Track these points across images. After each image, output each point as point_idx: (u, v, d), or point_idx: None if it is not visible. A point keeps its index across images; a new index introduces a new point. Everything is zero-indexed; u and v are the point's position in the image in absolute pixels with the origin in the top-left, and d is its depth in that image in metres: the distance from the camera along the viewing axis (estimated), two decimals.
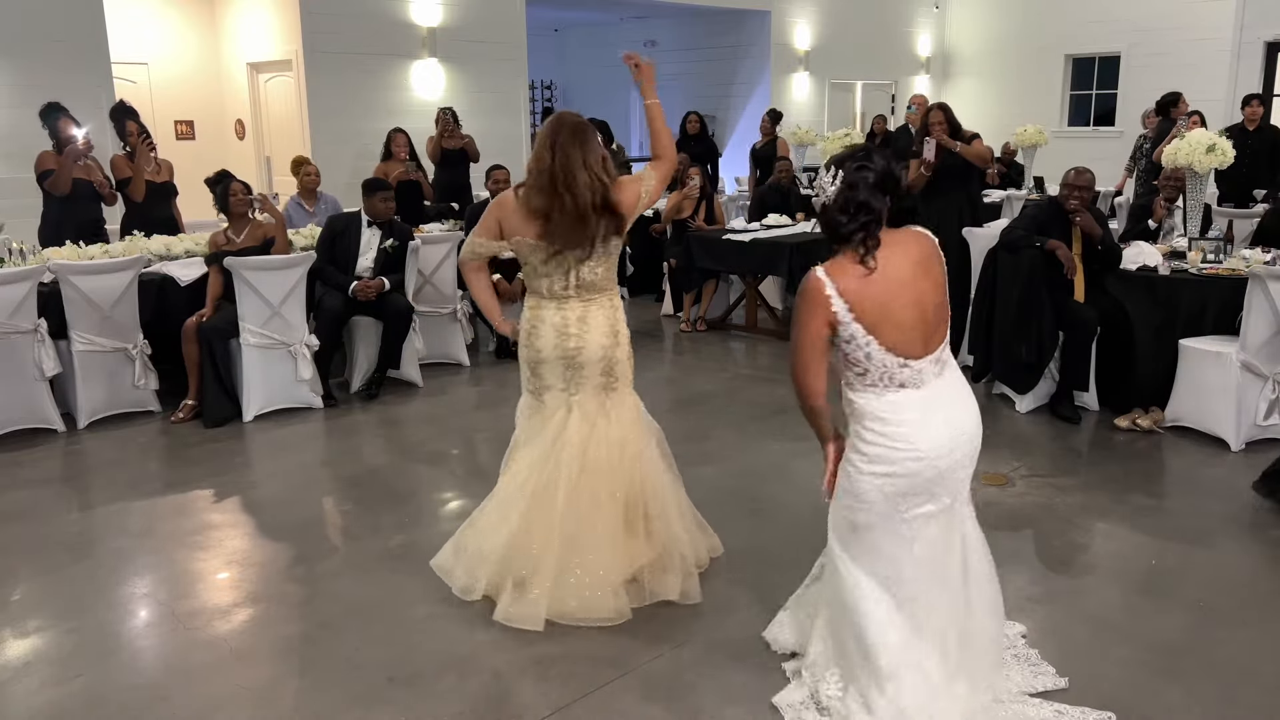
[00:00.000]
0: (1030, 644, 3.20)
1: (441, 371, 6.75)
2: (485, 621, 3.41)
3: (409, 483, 4.82)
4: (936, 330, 2.66)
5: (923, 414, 2.63)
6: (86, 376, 5.52)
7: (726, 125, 13.93)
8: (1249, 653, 3.21)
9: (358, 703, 2.98)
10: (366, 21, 9.81)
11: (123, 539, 4.18)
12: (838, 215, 2.60)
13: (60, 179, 6.33)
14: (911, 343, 2.61)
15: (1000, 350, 5.75)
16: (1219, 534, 4.17)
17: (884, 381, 2.63)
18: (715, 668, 3.13)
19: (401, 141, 8.14)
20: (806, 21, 13.88)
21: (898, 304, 2.59)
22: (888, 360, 2.60)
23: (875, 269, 2.58)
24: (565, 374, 3.48)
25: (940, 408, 2.66)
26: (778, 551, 3.92)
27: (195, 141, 10.70)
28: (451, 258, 6.72)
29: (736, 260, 7.77)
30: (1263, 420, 5.03)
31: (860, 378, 2.65)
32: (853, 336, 2.59)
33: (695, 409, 5.96)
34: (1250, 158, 8.13)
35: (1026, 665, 3.06)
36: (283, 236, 5.93)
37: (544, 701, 2.97)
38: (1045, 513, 4.34)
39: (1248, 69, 12.78)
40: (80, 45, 8.24)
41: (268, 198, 6.13)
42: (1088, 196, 5.51)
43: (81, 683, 3.10)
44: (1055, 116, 14.52)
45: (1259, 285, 4.89)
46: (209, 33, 10.74)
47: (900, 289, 2.60)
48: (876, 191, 2.59)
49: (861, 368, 2.63)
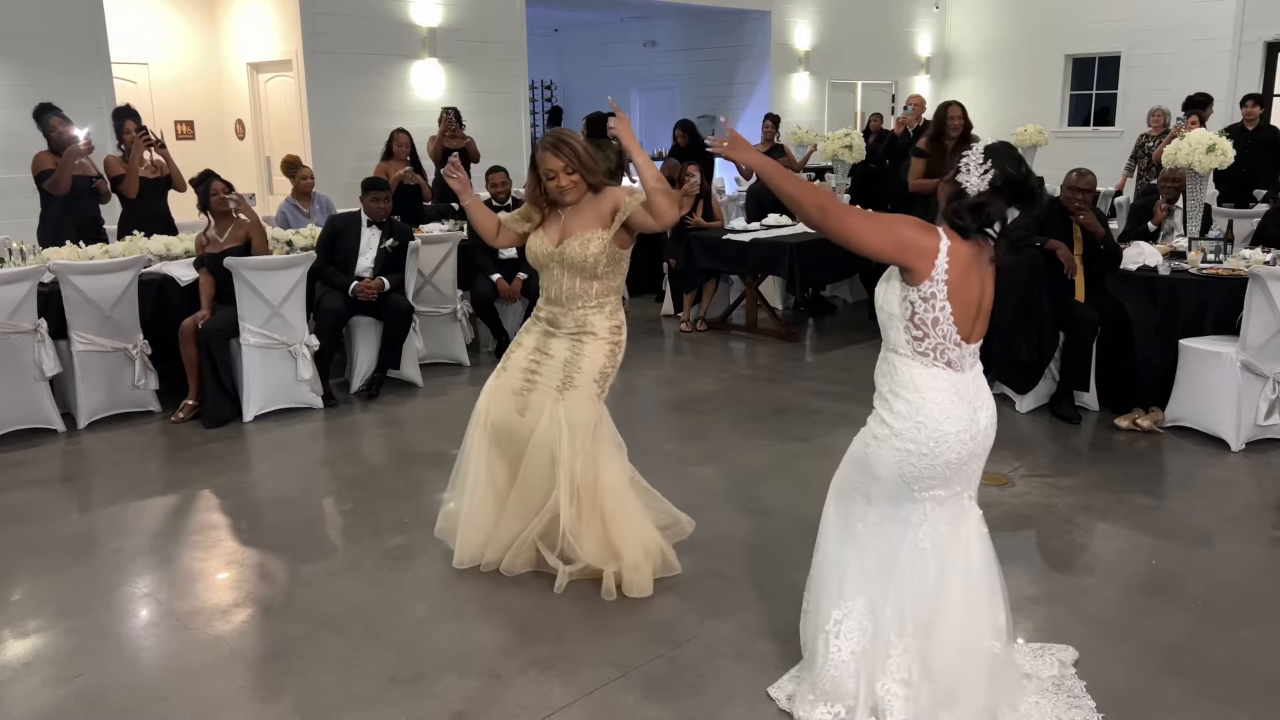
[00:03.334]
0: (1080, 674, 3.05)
1: (441, 371, 6.75)
2: (485, 621, 3.41)
3: (409, 483, 4.82)
4: (984, 323, 2.71)
5: (954, 397, 2.65)
6: (86, 376, 5.52)
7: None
8: (1249, 653, 3.21)
9: (358, 703, 2.98)
10: (366, 21, 9.81)
11: (123, 539, 4.18)
12: (969, 212, 2.61)
13: (60, 179, 6.33)
14: (968, 326, 2.66)
15: (1000, 350, 5.75)
16: (1219, 534, 4.17)
17: (935, 353, 2.64)
18: (715, 668, 3.13)
19: (403, 141, 8.15)
20: (806, 21, 13.88)
21: (972, 286, 2.64)
22: (949, 332, 2.63)
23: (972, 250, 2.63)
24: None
25: (970, 397, 2.68)
26: (777, 551, 3.92)
27: (195, 141, 10.70)
28: (452, 258, 6.72)
29: (736, 260, 7.77)
30: (1263, 420, 5.03)
31: (917, 342, 2.65)
32: (934, 295, 2.60)
33: (695, 409, 5.96)
34: (1250, 158, 8.12)
35: (1066, 695, 2.92)
36: (259, 238, 5.82)
37: (544, 702, 2.97)
38: (1045, 513, 4.34)
39: (1248, 69, 12.78)
40: (80, 45, 8.24)
41: (244, 199, 6.08)
42: (1089, 198, 5.51)
43: (81, 683, 3.10)
44: (1055, 116, 14.52)
45: (1259, 285, 4.89)
46: (209, 33, 10.75)
47: (977, 275, 2.66)
48: (1010, 203, 2.64)
49: (923, 332, 2.64)
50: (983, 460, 2.76)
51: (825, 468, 3.25)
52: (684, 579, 3.71)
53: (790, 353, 7.32)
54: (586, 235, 3.49)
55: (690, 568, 3.78)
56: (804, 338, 7.85)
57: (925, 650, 2.72)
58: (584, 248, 3.47)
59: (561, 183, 3.47)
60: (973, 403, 2.68)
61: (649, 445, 4.96)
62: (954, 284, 2.60)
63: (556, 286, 3.58)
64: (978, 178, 2.59)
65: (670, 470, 4.76)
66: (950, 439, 2.63)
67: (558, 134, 3.55)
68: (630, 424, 3.86)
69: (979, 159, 2.61)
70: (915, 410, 2.64)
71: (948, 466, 2.66)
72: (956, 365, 2.65)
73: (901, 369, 2.68)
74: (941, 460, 2.64)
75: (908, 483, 2.68)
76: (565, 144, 3.48)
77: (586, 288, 3.54)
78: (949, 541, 2.73)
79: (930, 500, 2.70)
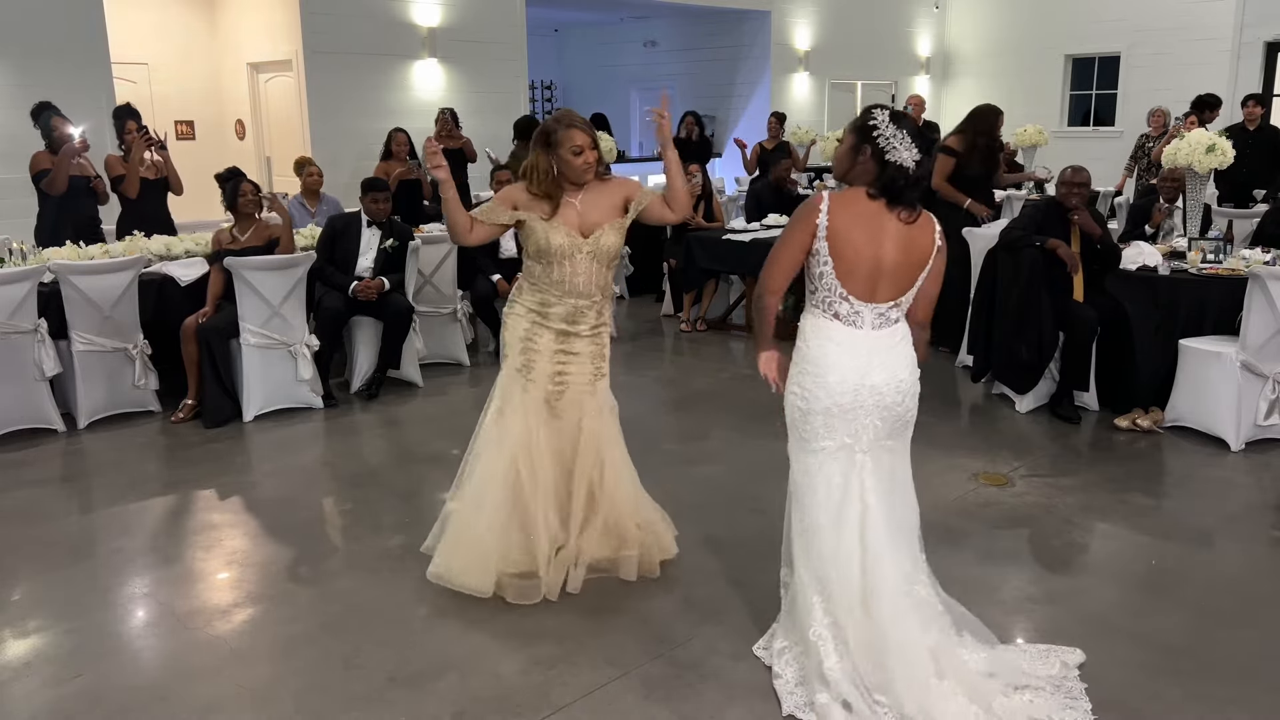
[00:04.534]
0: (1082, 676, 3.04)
1: (441, 371, 6.75)
2: (485, 621, 3.41)
3: (409, 483, 4.82)
4: (891, 285, 2.88)
5: (838, 349, 2.90)
6: (86, 376, 5.52)
7: (727, 125, 13.93)
8: (1249, 653, 3.22)
9: (358, 703, 2.98)
10: (366, 21, 9.81)
11: (123, 539, 4.18)
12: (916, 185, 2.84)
13: (56, 178, 6.33)
14: (860, 282, 2.86)
15: (1000, 350, 5.75)
16: (1219, 534, 4.17)
17: (824, 305, 2.92)
18: (715, 668, 3.13)
19: (402, 141, 8.15)
20: (806, 21, 13.88)
21: (867, 245, 2.84)
22: (833, 285, 2.88)
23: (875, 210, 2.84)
24: None
25: (862, 352, 2.89)
26: (777, 551, 3.91)
27: (195, 141, 10.70)
28: (452, 258, 6.72)
29: (736, 260, 7.77)
30: (1263, 420, 5.03)
31: (812, 295, 2.96)
32: (818, 251, 2.87)
33: (695, 409, 5.96)
34: (1250, 158, 8.12)
35: (1063, 696, 2.92)
36: (288, 237, 5.91)
37: (544, 701, 2.97)
38: (1045, 513, 4.34)
39: (1248, 69, 12.78)
40: (80, 45, 8.24)
41: (277, 197, 6.12)
42: (1085, 194, 5.51)
43: (81, 683, 3.10)
44: (1055, 116, 14.51)
45: (1259, 285, 4.89)
46: (209, 33, 10.75)
47: (876, 236, 2.84)
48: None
49: (814, 285, 2.93)
50: (877, 418, 2.91)
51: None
52: (684, 579, 3.71)
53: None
54: (614, 224, 3.50)
55: (690, 567, 3.78)
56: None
57: (847, 594, 2.91)
58: (618, 236, 3.51)
59: (589, 158, 3.45)
60: (865, 359, 2.89)
61: (649, 445, 4.96)
62: (836, 240, 2.83)
63: (584, 278, 3.49)
64: (907, 151, 2.80)
65: (670, 470, 4.76)
66: (829, 386, 2.89)
67: (569, 111, 3.56)
68: (630, 424, 3.85)
69: (899, 134, 2.81)
70: (802, 356, 2.97)
71: (829, 415, 2.90)
72: (847, 319, 2.90)
73: (803, 321, 3.01)
74: (821, 406, 2.91)
75: (798, 427, 2.98)
76: (583, 119, 3.49)
77: (608, 276, 3.57)
78: (841, 494, 2.94)
79: (822, 453, 2.95)
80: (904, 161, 2.80)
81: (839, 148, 2.98)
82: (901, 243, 2.85)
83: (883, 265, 2.84)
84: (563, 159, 3.43)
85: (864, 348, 2.89)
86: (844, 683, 2.84)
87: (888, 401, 2.92)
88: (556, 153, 3.43)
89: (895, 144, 2.80)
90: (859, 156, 2.86)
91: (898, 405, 2.94)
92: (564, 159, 3.43)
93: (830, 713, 2.79)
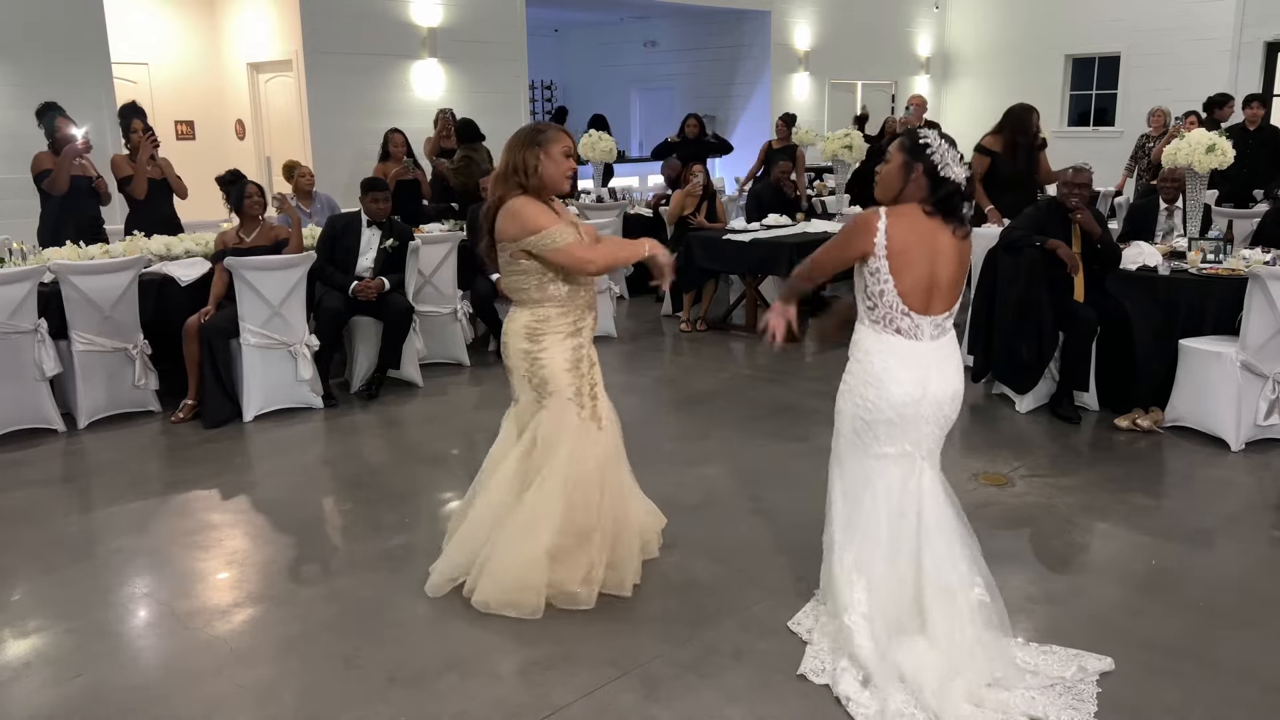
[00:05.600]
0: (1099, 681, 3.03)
1: (441, 371, 6.75)
2: (485, 621, 3.41)
3: (409, 483, 4.82)
4: (946, 298, 2.98)
5: (901, 363, 2.97)
6: (86, 376, 5.52)
7: (726, 125, 13.93)
8: (1249, 653, 3.21)
9: (358, 703, 2.98)
10: (366, 21, 9.81)
11: (123, 539, 4.18)
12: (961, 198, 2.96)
13: (58, 178, 6.33)
14: (920, 298, 2.94)
15: (1000, 350, 5.75)
16: (1219, 534, 4.17)
17: (885, 321, 2.98)
18: (715, 668, 3.13)
19: (399, 141, 8.13)
20: (806, 21, 13.89)
21: (926, 262, 2.92)
22: (895, 303, 2.95)
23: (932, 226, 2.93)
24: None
25: (923, 365, 2.98)
26: (777, 551, 3.92)
27: (195, 141, 10.71)
28: (452, 258, 6.72)
29: (736, 260, 7.77)
30: (1263, 420, 5.03)
31: (870, 311, 3.01)
32: (878, 270, 2.94)
33: (695, 409, 5.96)
34: (1251, 158, 8.12)
35: (1071, 697, 2.93)
36: (298, 238, 5.88)
37: (544, 701, 2.97)
38: (1045, 513, 4.34)
39: (1248, 69, 12.78)
40: (80, 45, 8.24)
41: (286, 198, 6.11)
42: (1086, 194, 5.51)
43: (81, 683, 3.10)
44: (1055, 116, 14.51)
45: (1259, 285, 4.89)
46: (209, 33, 10.75)
47: (932, 252, 2.93)
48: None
49: (874, 302, 2.99)
50: (936, 427, 3.05)
51: (825, 468, 3.26)
52: (683, 578, 3.71)
53: (790, 352, 7.32)
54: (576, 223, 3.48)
55: (690, 567, 3.78)
56: (804, 338, 7.85)
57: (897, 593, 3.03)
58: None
59: (574, 165, 3.42)
60: (925, 370, 2.98)
61: (649, 445, 4.96)
62: (896, 258, 2.90)
63: (592, 288, 3.47)
64: (958, 167, 2.92)
65: (671, 470, 4.76)
66: (894, 399, 2.97)
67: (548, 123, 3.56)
68: (630, 424, 3.85)
69: (951, 151, 2.93)
70: (865, 370, 3.02)
71: (891, 425, 2.99)
72: (908, 333, 2.98)
73: (860, 334, 3.07)
74: (884, 417, 2.99)
75: (860, 435, 3.05)
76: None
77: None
78: (900, 496, 3.03)
79: (885, 459, 3.03)
80: (956, 177, 2.91)
81: (884, 168, 3.02)
82: (956, 256, 2.97)
83: (940, 280, 2.95)
84: (554, 158, 3.33)
85: (924, 359, 2.99)
86: (872, 662, 2.95)
87: (946, 411, 3.06)
88: (547, 150, 3.32)
89: (948, 160, 2.90)
90: (910, 174, 2.94)
91: (953, 414, 3.08)
92: (555, 159, 3.33)
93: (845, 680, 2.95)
